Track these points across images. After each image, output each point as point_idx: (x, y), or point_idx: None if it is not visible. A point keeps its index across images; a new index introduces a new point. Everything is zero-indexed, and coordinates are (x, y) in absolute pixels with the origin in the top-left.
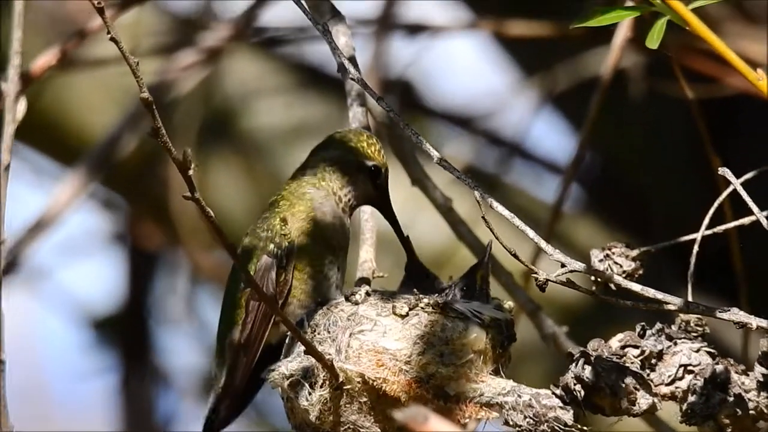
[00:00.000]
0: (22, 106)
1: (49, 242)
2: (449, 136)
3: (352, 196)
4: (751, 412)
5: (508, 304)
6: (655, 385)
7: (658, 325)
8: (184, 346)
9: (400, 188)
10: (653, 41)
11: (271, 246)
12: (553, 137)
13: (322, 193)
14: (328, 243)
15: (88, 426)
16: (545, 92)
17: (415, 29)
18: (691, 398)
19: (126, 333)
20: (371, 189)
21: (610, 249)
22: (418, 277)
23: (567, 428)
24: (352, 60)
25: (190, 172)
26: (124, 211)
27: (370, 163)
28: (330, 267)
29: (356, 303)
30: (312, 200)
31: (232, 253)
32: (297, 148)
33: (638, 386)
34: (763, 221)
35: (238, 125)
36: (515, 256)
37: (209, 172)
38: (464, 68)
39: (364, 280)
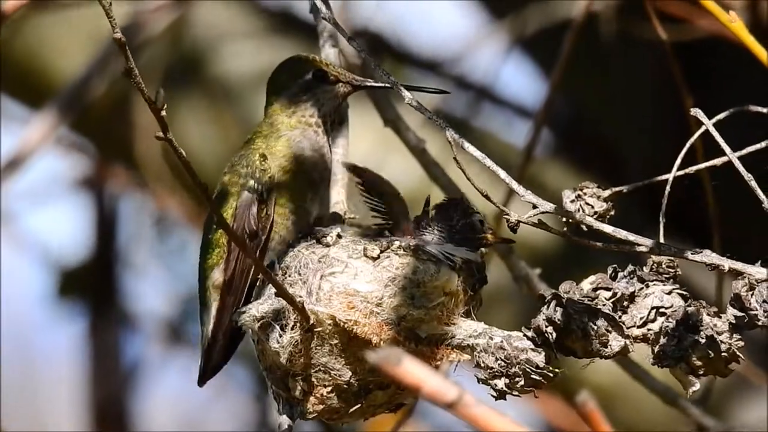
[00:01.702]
0: None
1: (17, 186)
2: (419, 80)
3: (322, 114)
4: (723, 354)
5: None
6: (627, 328)
7: (630, 267)
8: (152, 291)
9: (372, 130)
10: None
11: (251, 182)
12: (523, 81)
13: (297, 131)
14: (308, 178)
15: (55, 371)
16: (515, 35)
17: None
18: (663, 340)
19: (93, 278)
20: (334, 95)
21: (581, 189)
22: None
23: (539, 370)
24: (324, 0)
25: (163, 113)
26: (91, 155)
27: (310, 74)
28: (311, 202)
29: (327, 245)
30: (289, 140)
31: (204, 193)
32: (265, 92)
33: (610, 328)
34: (736, 161)
35: (206, 69)
36: (487, 197)
37: (177, 116)
38: (434, 12)
39: (336, 219)
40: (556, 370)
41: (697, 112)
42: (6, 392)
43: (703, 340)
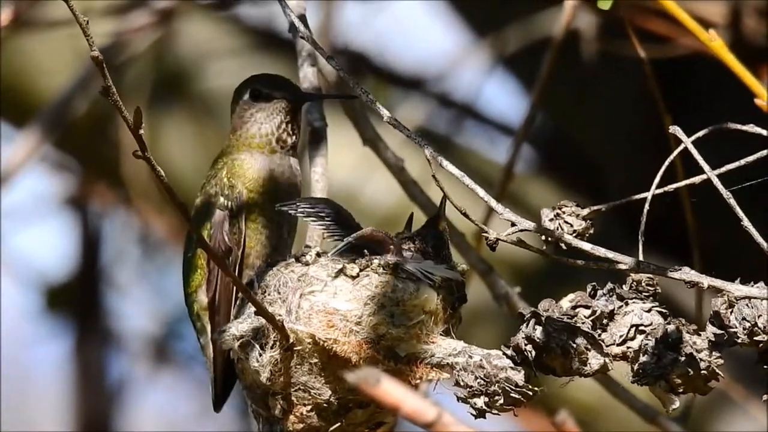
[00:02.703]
0: None
1: (2, 205)
2: (401, 98)
3: (264, 133)
4: (702, 371)
5: (462, 266)
6: (606, 346)
7: (609, 285)
8: (137, 309)
9: (351, 149)
10: (605, 2)
11: (221, 199)
12: (505, 98)
13: (245, 153)
14: (275, 197)
15: (40, 389)
16: (497, 53)
17: None
18: (643, 358)
19: (78, 295)
20: (270, 112)
21: (560, 208)
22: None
23: (518, 389)
24: (303, 19)
25: (141, 131)
26: (76, 173)
27: (247, 94)
28: (280, 216)
29: (306, 264)
30: (242, 162)
31: (182, 213)
32: None
33: (589, 346)
34: (714, 179)
35: (190, 88)
36: (465, 215)
37: (161, 134)
38: (415, 30)
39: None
40: (536, 388)
41: (675, 130)
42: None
43: (683, 358)
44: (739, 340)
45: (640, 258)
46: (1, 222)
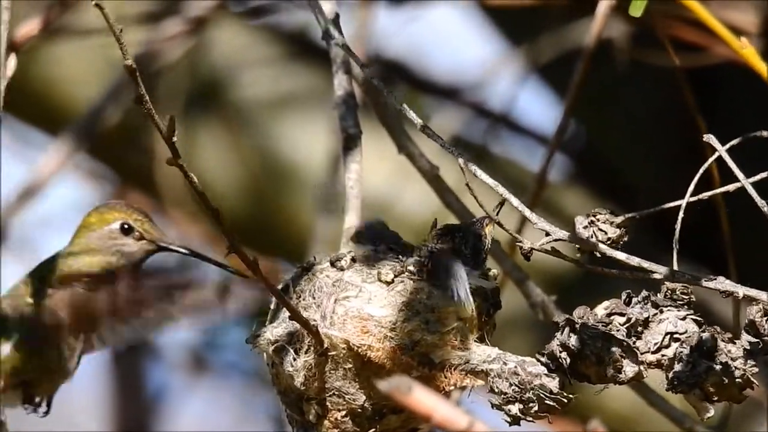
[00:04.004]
0: (11, 63)
1: (34, 214)
2: (436, 107)
3: (114, 265)
4: (737, 380)
5: (494, 272)
6: (641, 353)
7: (644, 293)
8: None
9: (386, 157)
10: (637, 9)
11: None
12: (538, 107)
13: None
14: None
15: (79, 399)
16: (531, 62)
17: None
18: (677, 366)
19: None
20: (131, 251)
21: (594, 216)
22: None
23: (552, 396)
24: (336, 26)
25: (174, 139)
26: (109, 182)
27: (117, 223)
28: None
29: (341, 269)
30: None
31: (216, 218)
32: (283, 119)
33: (624, 354)
34: (749, 188)
35: (223, 97)
36: (500, 224)
37: (195, 144)
38: (450, 38)
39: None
40: (570, 395)
41: (710, 138)
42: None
43: (718, 366)
44: None
45: (675, 267)
46: (36, 231)
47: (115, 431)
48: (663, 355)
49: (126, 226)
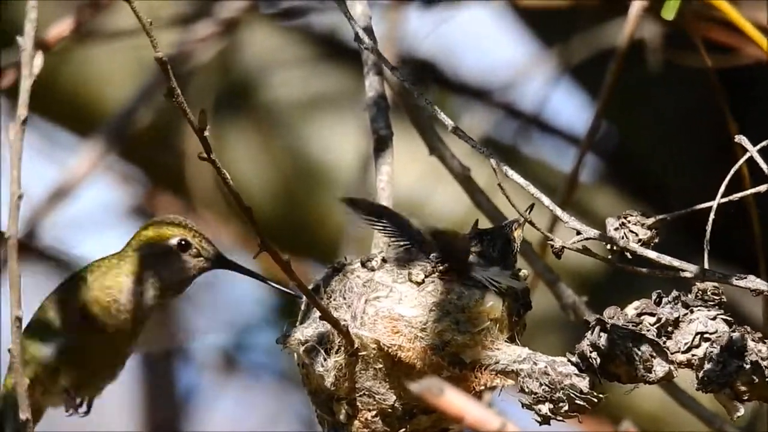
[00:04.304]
0: (38, 61)
1: (66, 215)
2: (467, 107)
3: (165, 282)
4: (767, 379)
5: (524, 272)
6: (671, 353)
7: (675, 293)
8: (205, 321)
9: (416, 158)
10: (669, 11)
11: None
12: (570, 108)
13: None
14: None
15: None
16: (563, 63)
17: (433, 0)
18: (708, 366)
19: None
20: (187, 267)
21: (625, 217)
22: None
23: (583, 395)
24: (368, 29)
25: (206, 133)
26: (141, 183)
27: (175, 240)
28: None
29: (372, 269)
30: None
31: (249, 216)
32: (313, 120)
33: (654, 354)
34: None
35: (254, 98)
36: (531, 223)
37: (226, 145)
38: (481, 39)
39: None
40: (600, 395)
41: (741, 139)
42: (59, 420)
43: (748, 366)
44: None
45: (706, 266)
46: (67, 233)
47: (146, 431)
48: (693, 355)
49: (183, 243)
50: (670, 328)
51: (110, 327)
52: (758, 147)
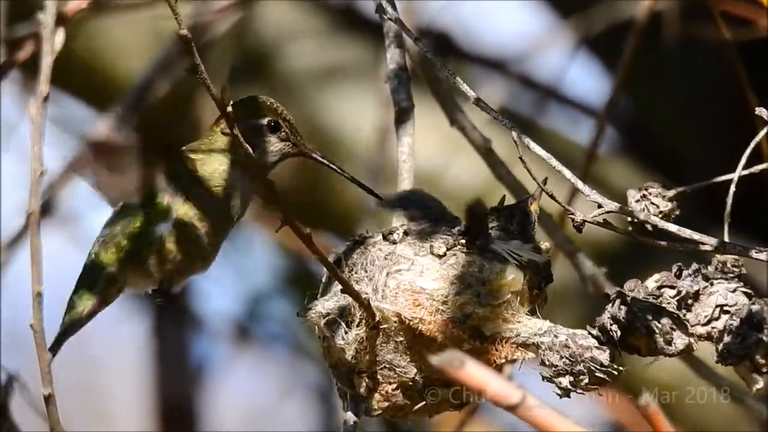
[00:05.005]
0: (59, 37)
1: (81, 186)
2: (485, 79)
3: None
4: None
5: (545, 244)
6: (691, 326)
7: (695, 266)
8: (218, 290)
9: (435, 130)
10: None
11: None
12: (588, 80)
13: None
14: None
15: (122, 370)
16: (581, 35)
17: None
18: (727, 338)
19: (157, 294)
20: (275, 150)
21: (646, 189)
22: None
23: (603, 368)
24: (390, 0)
25: (228, 109)
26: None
27: (265, 120)
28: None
29: (394, 242)
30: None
31: (269, 189)
32: (330, 92)
33: (674, 326)
34: None
35: (270, 69)
36: (552, 196)
37: None
38: (499, 10)
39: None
40: (620, 368)
41: (762, 112)
42: (71, 390)
43: (767, 338)
44: None
45: (726, 239)
46: (83, 204)
47: (156, 402)
48: (713, 328)
49: (272, 124)
50: (690, 301)
51: (215, 211)
52: None
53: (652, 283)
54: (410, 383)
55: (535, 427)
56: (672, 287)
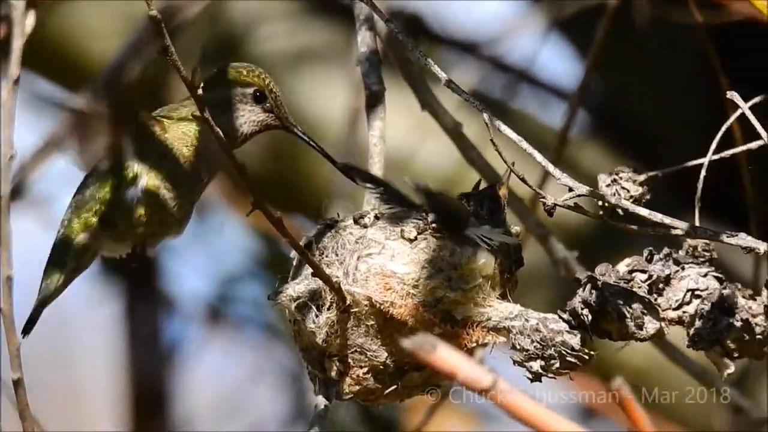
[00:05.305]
0: (30, 20)
1: (54, 168)
2: (457, 62)
3: (238, 130)
4: (758, 336)
5: (516, 228)
6: (662, 310)
7: (666, 250)
8: (191, 271)
9: (406, 113)
10: None
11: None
12: (560, 63)
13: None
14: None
15: (94, 351)
16: (553, 17)
17: None
18: (698, 323)
19: (132, 258)
20: (259, 121)
21: (617, 173)
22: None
23: (574, 352)
24: None
25: (199, 91)
26: None
27: (251, 89)
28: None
29: (365, 226)
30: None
31: (241, 173)
32: (301, 74)
33: (645, 311)
34: None
35: (243, 51)
36: (523, 180)
37: None
38: None
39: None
40: (592, 352)
41: (733, 96)
42: (44, 371)
43: (738, 323)
44: None
45: (697, 223)
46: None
47: (129, 383)
48: (684, 312)
49: (258, 94)
50: (661, 285)
51: (183, 175)
52: (750, 103)
53: (623, 267)
54: (381, 367)
55: (507, 411)
56: (643, 271)
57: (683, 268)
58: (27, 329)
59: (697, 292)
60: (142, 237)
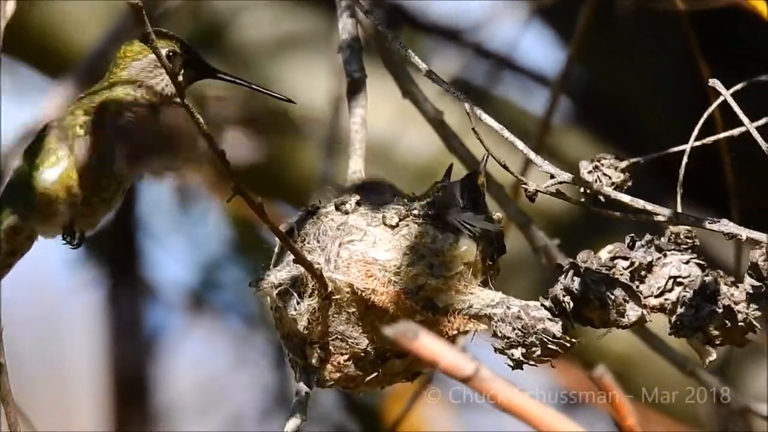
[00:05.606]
0: (10, 6)
1: None
2: (439, 49)
3: (157, 90)
4: (740, 324)
5: (497, 215)
6: (644, 297)
7: (648, 237)
8: (172, 260)
9: (388, 101)
10: None
11: None
12: (542, 50)
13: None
14: None
15: (75, 338)
16: (535, 4)
17: None
18: (680, 310)
19: (114, 245)
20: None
21: (599, 160)
22: None
23: (555, 340)
24: None
25: (179, 78)
26: None
27: (166, 50)
28: None
29: (346, 212)
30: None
31: (222, 160)
32: (284, 62)
33: (627, 298)
34: (754, 132)
35: (225, 39)
36: (505, 167)
37: (196, 85)
38: None
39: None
40: (573, 339)
41: (714, 83)
42: (26, 359)
43: (721, 310)
44: None
45: (679, 210)
46: None
47: (111, 371)
48: (666, 299)
49: (171, 54)
50: (643, 272)
51: (106, 154)
52: (732, 90)
53: (605, 254)
54: (362, 354)
55: (489, 399)
56: (625, 258)
57: (665, 255)
58: None
59: (679, 279)
60: (70, 219)
